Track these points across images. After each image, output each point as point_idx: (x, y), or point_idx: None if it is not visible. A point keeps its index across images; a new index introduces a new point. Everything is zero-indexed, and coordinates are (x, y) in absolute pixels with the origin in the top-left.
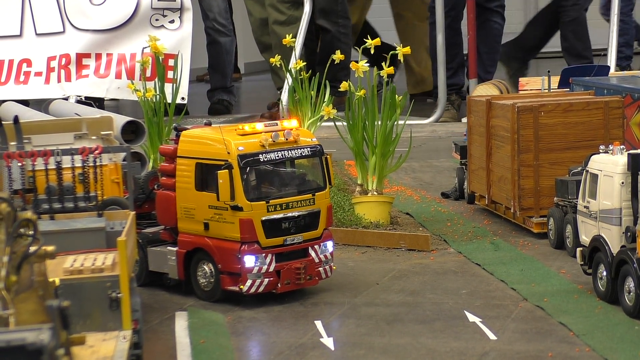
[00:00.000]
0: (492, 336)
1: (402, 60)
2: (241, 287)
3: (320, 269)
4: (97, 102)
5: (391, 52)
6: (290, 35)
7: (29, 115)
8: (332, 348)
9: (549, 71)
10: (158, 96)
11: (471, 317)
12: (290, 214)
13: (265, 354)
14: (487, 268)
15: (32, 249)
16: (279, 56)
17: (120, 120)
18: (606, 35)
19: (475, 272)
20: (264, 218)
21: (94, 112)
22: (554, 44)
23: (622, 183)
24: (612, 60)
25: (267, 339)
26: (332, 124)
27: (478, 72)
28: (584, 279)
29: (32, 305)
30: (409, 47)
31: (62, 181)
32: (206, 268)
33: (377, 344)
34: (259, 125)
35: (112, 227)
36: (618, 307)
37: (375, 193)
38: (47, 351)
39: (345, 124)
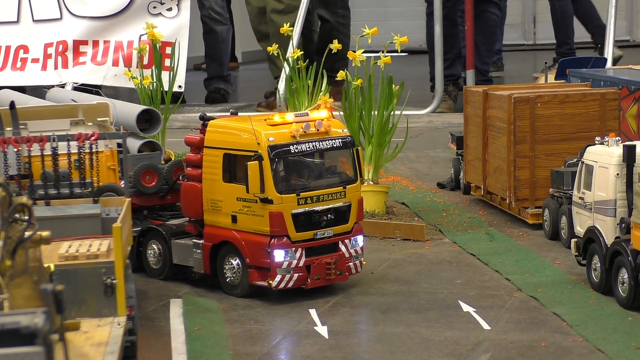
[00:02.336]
0: (485, 326)
1: (399, 50)
2: (270, 282)
3: (350, 264)
4: (95, 89)
5: (388, 42)
6: (288, 24)
7: (25, 102)
8: (326, 336)
9: (546, 62)
10: (155, 84)
11: (465, 307)
12: (321, 207)
13: (260, 341)
14: (481, 258)
15: (27, 234)
16: (277, 45)
17: (135, 109)
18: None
19: (470, 262)
20: (294, 211)
21: (92, 99)
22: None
23: (617, 174)
24: (609, 52)
25: (261, 326)
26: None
27: (475, 63)
28: (578, 270)
29: (26, 291)
30: (406, 37)
31: (58, 167)
32: (233, 262)
33: (371, 332)
34: (290, 116)
35: (107, 214)
36: (612, 298)
37: (371, 182)
38: (41, 335)
39: (342, 113)
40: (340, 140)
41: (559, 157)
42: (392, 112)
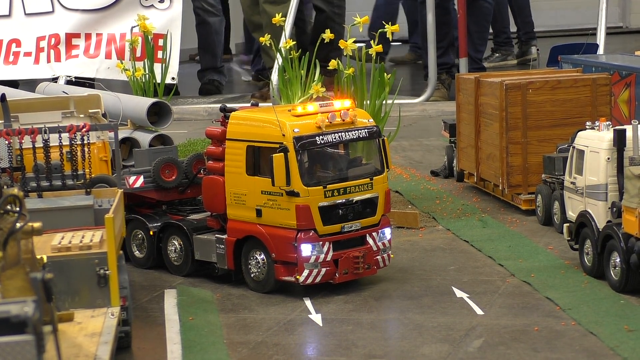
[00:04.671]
0: (479, 311)
1: (390, 38)
2: (297, 277)
3: (378, 257)
4: (88, 83)
5: (380, 31)
6: (280, 14)
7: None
8: (321, 324)
9: (537, 49)
10: (147, 76)
11: (459, 293)
12: (348, 200)
13: (254, 330)
14: (475, 245)
15: (18, 225)
16: (269, 35)
17: (144, 102)
18: (594, 15)
19: (464, 248)
20: (321, 204)
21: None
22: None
23: (608, 159)
24: (601, 38)
25: (255, 315)
26: None
27: (468, 52)
28: (571, 254)
29: (19, 282)
30: (397, 25)
31: (50, 159)
32: (258, 257)
33: (364, 319)
34: (314, 106)
35: (100, 205)
36: (604, 281)
37: None
38: (31, 323)
39: None
40: (366, 130)
41: (551, 143)
42: (384, 101)
